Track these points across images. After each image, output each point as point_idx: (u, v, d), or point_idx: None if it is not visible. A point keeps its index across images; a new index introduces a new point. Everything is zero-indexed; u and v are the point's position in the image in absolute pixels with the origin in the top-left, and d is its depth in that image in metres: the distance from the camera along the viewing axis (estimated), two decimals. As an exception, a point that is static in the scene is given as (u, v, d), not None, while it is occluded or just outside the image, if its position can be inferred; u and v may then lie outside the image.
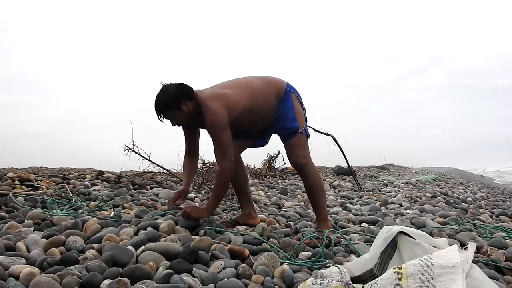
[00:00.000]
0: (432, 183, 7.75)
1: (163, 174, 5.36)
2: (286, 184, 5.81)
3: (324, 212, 2.64)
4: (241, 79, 2.63)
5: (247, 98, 2.47)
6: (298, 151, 2.58)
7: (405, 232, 1.54)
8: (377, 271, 1.54)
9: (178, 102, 2.37)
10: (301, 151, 2.59)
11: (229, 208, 3.49)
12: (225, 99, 2.39)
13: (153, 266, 1.73)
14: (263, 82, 2.58)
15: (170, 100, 2.38)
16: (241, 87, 2.51)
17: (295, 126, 2.56)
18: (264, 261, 1.87)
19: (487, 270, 1.93)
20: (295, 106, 2.59)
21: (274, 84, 2.60)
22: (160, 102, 2.40)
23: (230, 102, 2.39)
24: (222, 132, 2.36)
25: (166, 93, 2.39)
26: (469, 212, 4.23)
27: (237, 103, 2.42)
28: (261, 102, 2.52)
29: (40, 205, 2.99)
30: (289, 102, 2.58)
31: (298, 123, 2.57)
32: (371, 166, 11.73)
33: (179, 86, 2.42)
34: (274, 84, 2.60)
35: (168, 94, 2.38)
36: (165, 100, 2.39)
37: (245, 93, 2.48)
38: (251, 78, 2.62)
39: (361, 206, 4.21)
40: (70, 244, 1.95)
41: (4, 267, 1.61)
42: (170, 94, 2.38)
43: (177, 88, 2.40)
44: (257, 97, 2.51)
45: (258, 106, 2.51)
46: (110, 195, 3.56)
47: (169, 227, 2.29)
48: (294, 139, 2.58)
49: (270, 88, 2.57)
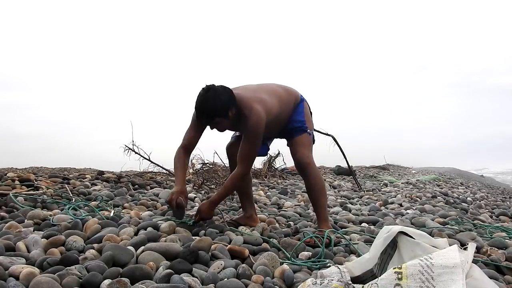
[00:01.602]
0: (432, 183, 7.75)
1: (163, 174, 5.36)
2: (286, 184, 5.81)
3: (325, 212, 2.65)
4: (267, 85, 2.64)
5: (277, 106, 2.50)
6: (303, 150, 2.60)
7: (405, 232, 1.54)
8: (377, 271, 1.54)
9: (228, 109, 2.29)
10: (305, 150, 2.61)
11: (229, 208, 3.49)
12: (265, 105, 2.40)
13: (153, 266, 1.73)
14: (284, 91, 2.63)
15: (223, 107, 2.27)
16: (272, 95, 2.51)
17: (305, 126, 2.63)
18: (264, 261, 1.87)
19: (487, 270, 1.93)
20: (305, 112, 2.69)
21: (293, 93, 2.69)
22: (210, 108, 2.27)
23: (268, 108, 2.41)
24: (258, 138, 2.38)
25: (218, 99, 2.26)
26: (469, 212, 4.23)
27: (271, 110, 2.44)
28: (284, 111, 2.58)
29: (40, 205, 2.99)
30: (301, 107, 2.68)
31: (306, 124, 2.65)
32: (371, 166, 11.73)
33: (229, 91, 2.31)
34: (293, 94, 2.68)
35: (221, 101, 2.26)
36: (217, 106, 2.26)
37: (276, 101, 2.50)
38: (273, 85, 2.65)
39: (361, 206, 4.21)
40: (70, 244, 1.95)
41: (4, 267, 1.61)
42: (223, 101, 2.27)
43: (228, 94, 2.30)
44: (283, 107, 2.55)
45: (281, 115, 2.56)
46: (110, 195, 3.56)
47: (170, 227, 2.29)
48: (301, 137, 2.62)
49: (290, 97, 2.64)
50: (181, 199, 2.38)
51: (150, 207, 3.31)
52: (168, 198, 2.43)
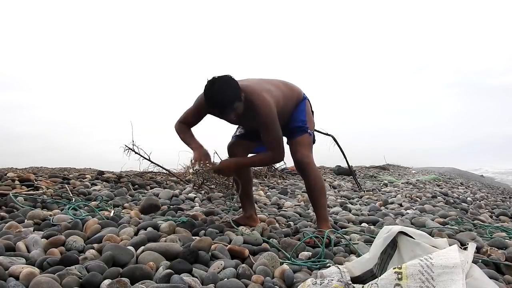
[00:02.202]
0: (432, 183, 7.75)
1: (163, 174, 5.36)
2: (286, 184, 5.81)
3: (325, 212, 2.65)
4: (270, 80, 2.63)
5: (281, 100, 2.50)
6: (303, 150, 2.60)
7: (405, 232, 1.54)
8: (377, 271, 1.54)
9: (237, 98, 2.29)
10: (306, 150, 2.60)
11: (229, 208, 3.49)
12: (272, 95, 2.42)
13: (153, 266, 1.73)
14: (286, 87, 2.63)
15: (237, 91, 2.28)
16: (275, 88, 2.52)
17: (305, 126, 2.63)
18: (264, 261, 1.87)
19: (487, 270, 1.93)
20: (307, 111, 2.69)
21: (296, 90, 2.69)
22: (229, 94, 2.26)
23: (275, 98, 2.42)
24: (276, 123, 2.38)
25: (229, 85, 2.27)
26: (469, 212, 4.22)
27: (278, 102, 2.45)
28: (286, 106, 2.57)
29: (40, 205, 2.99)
30: (303, 106, 2.68)
31: (307, 124, 2.64)
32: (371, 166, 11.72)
33: (236, 81, 2.32)
34: (296, 91, 2.69)
35: (232, 86, 2.27)
36: (232, 91, 2.26)
37: (279, 95, 2.50)
38: (276, 80, 2.65)
39: (361, 206, 4.21)
40: (70, 244, 1.95)
41: (4, 267, 1.62)
42: (234, 85, 2.28)
43: (235, 83, 2.30)
44: (285, 102, 2.55)
45: (284, 110, 2.55)
46: (110, 195, 3.57)
47: (170, 227, 2.29)
48: (302, 137, 2.62)
49: (293, 94, 2.64)
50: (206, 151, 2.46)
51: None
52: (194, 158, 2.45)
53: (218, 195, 4.07)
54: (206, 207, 3.46)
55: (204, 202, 3.88)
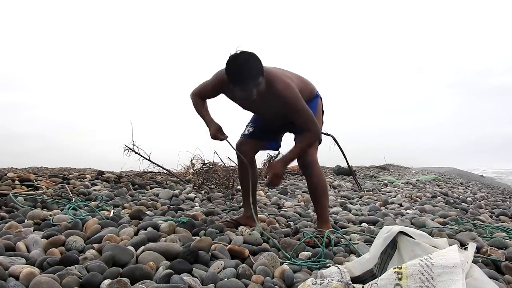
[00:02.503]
0: (432, 183, 7.75)
1: (163, 174, 5.36)
2: (286, 184, 5.80)
3: (326, 213, 2.63)
4: (286, 70, 2.59)
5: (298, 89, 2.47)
6: (309, 148, 2.58)
7: (405, 232, 1.54)
8: (377, 271, 1.54)
9: (261, 74, 2.24)
10: (311, 149, 2.57)
11: (229, 208, 3.49)
12: (292, 81, 2.42)
13: (153, 266, 1.73)
14: (300, 81, 2.60)
15: (261, 65, 2.24)
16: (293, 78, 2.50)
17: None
18: (264, 261, 1.87)
19: (487, 270, 1.93)
20: (318, 109, 2.67)
21: (309, 86, 2.67)
22: (253, 67, 2.21)
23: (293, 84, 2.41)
24: (303, 102, 2.38)
25: (254, 58, 2.22)
26: (469, 212, 4.22)
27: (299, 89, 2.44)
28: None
29: (40, 205, 2.99)
30: (314, 103, 2.65)
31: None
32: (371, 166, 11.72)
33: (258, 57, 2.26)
34: (309, 86, 2.67)
35: (257, 60, 2.23)
36: (257, 65, 2.22)
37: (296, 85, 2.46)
38: (291, 73, 2.61)
39: (361, 206, 4.21)
40: (70, 244, 1.95)
41: (4, 267, 1.62)
42: (258, 60, 2.23)
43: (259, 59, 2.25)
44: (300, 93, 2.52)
45: None
46: (110, 195, 3.57)
47: (169, 227, 2.29)
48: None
49: (306, 88, 2.61)
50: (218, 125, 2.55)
51: (150, 207, 3.31)
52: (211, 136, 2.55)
53: (218, 195, 4.08)
54: (206, 207, 3.46)
55: (204, 202, 3.89)
